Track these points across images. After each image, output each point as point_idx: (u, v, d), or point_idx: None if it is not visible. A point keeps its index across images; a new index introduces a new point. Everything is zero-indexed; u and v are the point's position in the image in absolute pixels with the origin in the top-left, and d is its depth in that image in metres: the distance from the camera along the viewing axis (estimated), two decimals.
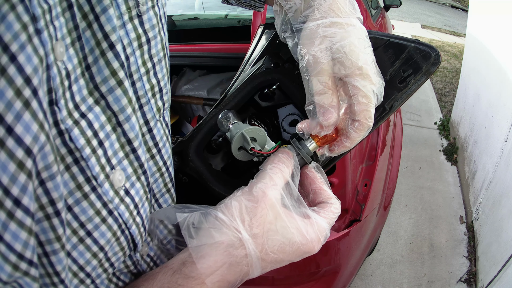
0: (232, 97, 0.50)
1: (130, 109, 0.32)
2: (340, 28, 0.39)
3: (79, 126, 0.29)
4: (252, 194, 0.36)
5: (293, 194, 0.38)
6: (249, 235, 0.34)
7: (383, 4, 3.02)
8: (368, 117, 0.39)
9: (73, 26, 0.28)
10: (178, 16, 2.31)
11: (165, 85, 0.40)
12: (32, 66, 0.22)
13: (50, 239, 0.27)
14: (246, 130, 0.41)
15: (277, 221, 0.35)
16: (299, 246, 0.36)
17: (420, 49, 0.45)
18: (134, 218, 0.35)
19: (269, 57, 0.53)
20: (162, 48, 0.38)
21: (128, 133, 0.33)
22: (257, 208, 0.35)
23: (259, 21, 1.28)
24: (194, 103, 1.87)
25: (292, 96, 0.50)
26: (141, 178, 0.36)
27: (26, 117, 0.22)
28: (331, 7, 0.40)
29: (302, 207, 0.38)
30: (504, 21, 2.31)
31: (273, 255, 0.35)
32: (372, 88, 0.39)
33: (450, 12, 8.76)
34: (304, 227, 0.36)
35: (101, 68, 0.30)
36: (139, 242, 0.37)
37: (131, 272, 0.40)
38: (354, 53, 0.38)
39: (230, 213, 0.35)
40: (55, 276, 0.28)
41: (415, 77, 0.45)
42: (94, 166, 0.30)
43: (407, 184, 2.67)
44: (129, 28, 0.33)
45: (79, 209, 0.29)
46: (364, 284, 1.96)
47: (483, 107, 2.52)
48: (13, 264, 0.23)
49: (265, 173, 0.38)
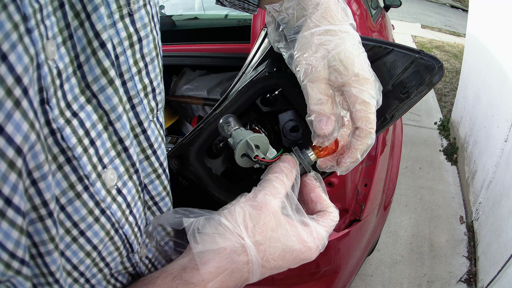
0: (234, 101, 0.50)
1: (121, 108, 0.32)
2: (334, 36, 0.39)
3: (71, 125, 0.29)
4: (256, 201, 0.36)
5: (293, 203, 0.39)
6: (252, 241, 0.35)
7: (383, 4, 3.02)
8: (368, 123, 0.39)
9: (64, 25, 0.27)
10: (178, 16, 2.31)
11: (158, 85, 0.39)
12: (23, 66, 0.22)
13: (44, 240, 0.27)
14: (251, 138, 0.41)
15: (279, 229, 0.36)
16: (299, 254, 0.36)
17: (424, 60, 0.46)
18: (127, 218, 0.35)
19: (271, 61, 0.53)
20: (155, 48, 0.38)
21: (120, 132, 0.33)
22: (260, 215, 0.35)
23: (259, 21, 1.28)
24: (194, 103, 1.87)
25: (293, 101, 0.50)
26: (133, 177, 0.36)
27: (17, 116, 0.22)
28: (324, 15, 0.40)
29: (302, 215, 0.38)
30: (504, 21, 2.31)
31: (273, 262, 0.35)
32: (371, 93, 0.39)
33: (450, 12, 8.76)
34: (304, 235, 0.37)
35: (92, 67, 0.30)
36: (133, 242, 0.37)
37: (129, 274, 0.40)
38: (350, 60, 0.39)
39: (233, 219, 0.35)
40: (49, 276, 0.28)
41: (418, 88, 0.45)
42: (86, 165, 0.30)
43: (407, 184, 2.67)
44: (120, 27, 0.33)
45: (72, 209, 0.29)
46: (364, 284, 1.96)
47: (483, 107, 2.52)
48: (5, 263, 0.23)
49: (268, 182, 0.38)
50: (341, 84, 0.39)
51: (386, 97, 0.44)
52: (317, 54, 0.39)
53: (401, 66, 0.46)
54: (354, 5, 1.61)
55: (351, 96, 0.39)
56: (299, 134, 0.52)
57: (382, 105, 0.42)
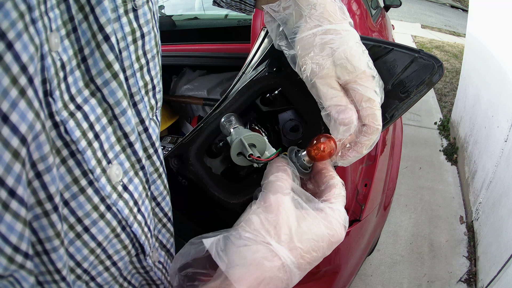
0: (234, 101, 0.50)
1: (125, 103, 0.32)
2: (336, 34, 0.40)
3: (75, 118, 0.28)
4: (267, 204, 0.35)
5: (302, 195, 0.38)
6: (280, 243, 0.34)
7: (383, 4, 3.02)
8: (375, 120, 0.40)
9: (68, 18, 0.27)
10: (178, 16, 2.31)
11: (158, 83, 0.39)
12: (28, 55, 0.22)
13: (50, 237, 0.26)
14: (245, 137, 0.41)
15: (301, 222, 0.35)
16: (329, 238, 0.35)
17: (423, 59, 0.46)
18: (135, 216, 0.34)
19: (271, 61, 0.53)
20: (156, 45, 0.38)
21: (124, 127, 0.32)
22: (278, 216, 0.34)
23: (259, 22, 1.28)
24: (194, 103, 1.87)
25: (293, 101, 0.50)
26: (139, 173, 0.35)
27: (22, 105, 0.22)
28: (323, 14, 0.40)
29: (314, 202, 0.38)
30: (504, 21, 2.31)
31: (308, 256, 0.34)
32: (375, 91, 0.40)
33: (450, 12, 8.75)
34: (326, 219, 0.36)
35: (96, 60, 0.29)
36: (144, 243, 0.36)
37: (144, 278, 0.39)
38: (356, 58, 0.39)
39: (252, 228, 0.34)
40: (56, 274, 0.28)
41: (417, 87, 0.46)
42: (90, 159, 0.29)
43: (407, 184, 2.67)
44: (124, 21, 0.33)
45: (75, 204, 0.29)
46: (364, 284, 1.96)
47: (483, 107, 2.52)
48: (9, 256, 0.23)
49: (271, 183, 0.37)
50: (347, 82, 0.40)
51: (386, 97, 0.44)
52: (323, 53, 0.40)
53: (401, 66, 0.46)
54: (354, 5, 1.61)
55: (357, 94, 0.39)
56: (299, 133, 0.52)
57: (382, 104, 0.42)
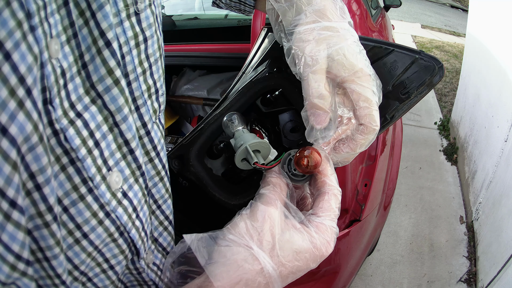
0: (234, 102, 0.50)
1: (127, 109, 0.31)
2: (335, 32, 0.39)
3: (75, 126, 0.28)
4: (255, 213, 0.37)
5: (290, 208, 0.39)
6: (261, 248, 0.35)
7: (383, 4, 3.02)
8: (373, 121, 0.40)
9: (68, 23, 0.27)
10: (178, 16, 2.31)
11: (161, 86, 0.39)
12: (26, 65, 0.22)
13: (50, 245, 0.26)
14: (251, 144, 0.41)
15: (285, 233, 0.36)
16: (313, 251, 0.36)
17: (424, 60, 0.46)
18: (134, 222, 0.34)
19: (271, 61, 0.53)
20: (158, 48, 0.37)
21: (125, 134, 0.32)
22: (263, 224, 0.36)
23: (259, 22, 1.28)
24: (194, 103, 1.87)
25: (294, 102, 0.50)
26: (139, 180, 0.35)
27: (21, 117, 0.22)
28: (323, 11, 0.40)
29: (301, 216, 0.39)
30: (504, 21, 2.31)
31: (289, 264, 0.35)
32: (373, 90, 0.40)
33: (450, 12, 8.75)
34: (310, 233, 0.37)
35: (97, 67, 0.29)
36: (140, 247, 0.36)
37: (137, 281, 0.39)
38: (353, 56, 0.39)
39: (237, 231, 0.36)
40: (56, 278, 0.28)
41: (418, 88, 0.45)
42: (90, 167, 0.29)
43: (407, 184, 2.67)
44: (127, 26, 0.32)
45: (75, 211, 0.29)
46: (364, 284, 1.96)
47: (483, 107, 2.52)
48: (11, 264, 0.23)
49: (262, 195, 0.39)
50: (343, 80, 0.39)
51: (386, 98, 0.44)
52: (319, 47, 0.39)
53: (402, 67, 0.46)
54: (354, 5, 1.61)
55: (354, 93, 0.39)
56: (299, 134, 0.52)
57: (382, 105, 0.42)
